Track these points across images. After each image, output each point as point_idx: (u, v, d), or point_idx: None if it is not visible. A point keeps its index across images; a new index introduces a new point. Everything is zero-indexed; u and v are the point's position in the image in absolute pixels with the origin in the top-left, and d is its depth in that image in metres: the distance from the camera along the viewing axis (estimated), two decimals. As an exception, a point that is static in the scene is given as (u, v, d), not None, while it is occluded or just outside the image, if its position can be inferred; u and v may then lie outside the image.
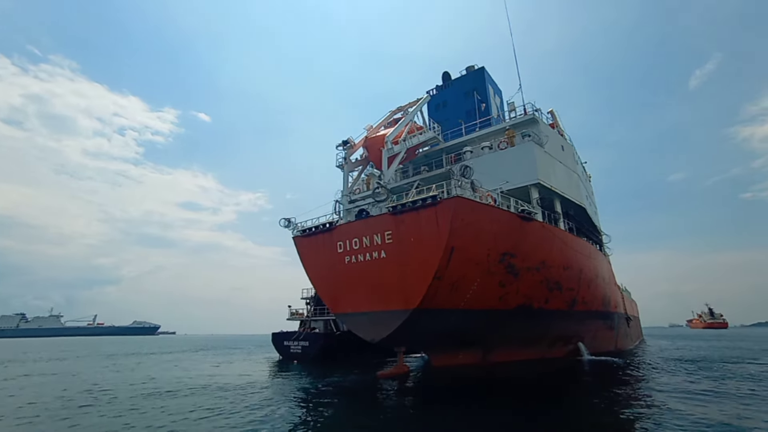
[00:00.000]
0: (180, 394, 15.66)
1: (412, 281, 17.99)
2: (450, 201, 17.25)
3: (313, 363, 29.61)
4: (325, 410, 12.55)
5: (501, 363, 22.62)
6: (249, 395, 15.06)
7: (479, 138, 26.02)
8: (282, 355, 35.82)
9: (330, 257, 21.49)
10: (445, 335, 20.39)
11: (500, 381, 18.02)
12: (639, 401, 12.70)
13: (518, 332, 23.38)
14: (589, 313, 28.25)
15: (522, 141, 23.13)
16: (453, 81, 34.00)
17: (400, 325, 18.25)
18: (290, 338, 34.66)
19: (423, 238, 17.80)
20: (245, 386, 17.36)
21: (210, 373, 23.57)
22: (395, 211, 18.97)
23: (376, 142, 22.63)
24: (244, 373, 23.18)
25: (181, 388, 17.14)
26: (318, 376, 20.77)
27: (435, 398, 14.39)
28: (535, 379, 18.58)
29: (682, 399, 12.84)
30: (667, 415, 10.69)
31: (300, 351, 33.15)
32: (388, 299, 18.70)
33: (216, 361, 34.19)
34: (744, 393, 13.83)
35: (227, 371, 25.21)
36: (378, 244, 19.38)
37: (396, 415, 11.67)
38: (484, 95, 30.58)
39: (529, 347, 24.50)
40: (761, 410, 11.15)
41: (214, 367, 28.15)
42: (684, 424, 9.67)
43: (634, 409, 11.57)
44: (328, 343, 31.71)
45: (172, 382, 19.50)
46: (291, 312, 38.81)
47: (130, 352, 48.74)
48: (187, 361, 34.47)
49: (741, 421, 9.89)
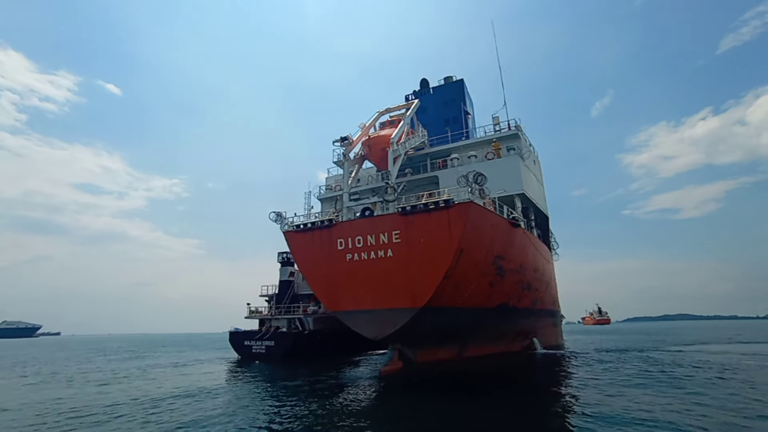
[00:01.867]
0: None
1: (421, 280, 18.65)
2: (464, 206, 18.30)
3: (280, 363, 28.57)
4: (340, 408, 12.58)
5: (474, 358, 24.34)
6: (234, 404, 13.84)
7: (465, 147, 27.69)
8: (242, 355, 33.76)
9: (328, 254, 21.16)
10: (439, 332, 21.41)
11: (481, 374, 19.46)
12: (592, 382, 15.60)
13: (494, 328, 25.43)
14: (544, 312, 31.73)
15: (508, 154, 25.26)
16: (433, 89, 35.46)
17: (407, 323, 18.80)
18: (252, 337, 32.87)
19: (434, 239, 18.56)
20: (226, 390, 16.10)
21: (174, 380, 21.50)
22: (405, 211, 19.46)
23: (379, 142, 22.83)
24: (210, 375, 21.63)
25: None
26: (304, 374, 20.37)
27: (437, 391, 15.14)
28: (507, 371, 20.55)
29: (621, 379, 16.43)
30: (613, 391, 13.70)
31: (264, 351, 31.63)
32: (394, 297, 19.09)
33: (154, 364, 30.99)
34: (657, 372, 18.04)
35: (188, 374, 23.22)
36: (384, 243, 19.66)
37: (419, 406, 12.49)
38: (462, 107, 32.47)
39: (496, 342, 26.68)
40: (671, 384, 14.60)
41: (178, 373, 25.64)
42: (625, 399, 12.35)
43: (589, 389, 14.13)
44: (297, 342, 30.80)
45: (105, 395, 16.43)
46: (250, 310, 36.72)
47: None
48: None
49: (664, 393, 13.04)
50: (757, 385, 14.48)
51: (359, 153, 24.69)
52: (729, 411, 10.53)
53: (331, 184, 32.48)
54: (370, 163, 30.12)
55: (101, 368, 28.62)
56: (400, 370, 20.80)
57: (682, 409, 10.83)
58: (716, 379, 15.82)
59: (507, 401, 13.06)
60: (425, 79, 36.62)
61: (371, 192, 29.17)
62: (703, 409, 10.74)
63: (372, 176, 30.48)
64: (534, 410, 11.74)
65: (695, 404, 11.38)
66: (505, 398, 13.57)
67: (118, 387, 18.31)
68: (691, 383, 14.95)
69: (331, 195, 31.28)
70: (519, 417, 10.92)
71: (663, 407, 11.05)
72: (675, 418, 9.79)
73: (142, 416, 11.87)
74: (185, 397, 14.99)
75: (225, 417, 11.46)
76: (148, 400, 14.49)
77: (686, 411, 10.60)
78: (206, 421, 11.02)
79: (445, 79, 35.94)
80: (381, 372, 19.54)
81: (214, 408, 12.78)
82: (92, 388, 18.14)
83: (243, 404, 13.34)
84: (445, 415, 11.07)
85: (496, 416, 10.93)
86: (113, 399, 14.95)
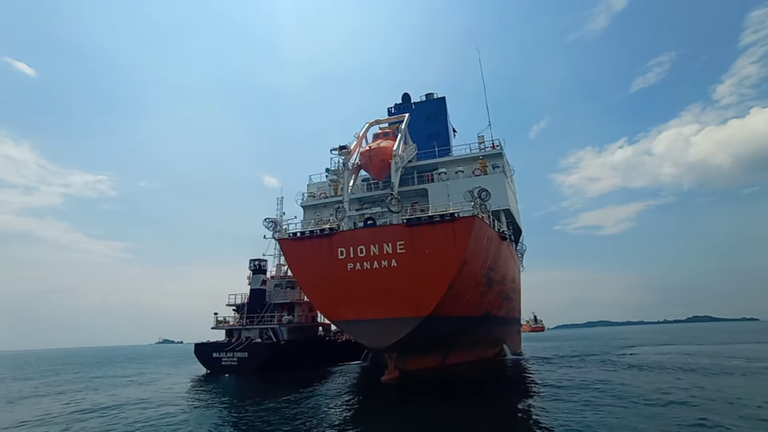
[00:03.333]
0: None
1: (426, 290, 19.23)
2: (469, 219, 19.29)
3: (254, 377, 27.23)
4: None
5: (455, 365, 25.34)
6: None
7: (452, 162, 29.01)
8: (209, 368, 31.55)
9: (328, 263, 20.96)
10: (434, 341, 22.07)
11: (470, 380, 20.49)
12: (560, 382, 17.82)
13: (476, 336, 26.68)
14: (513, 320, 33.87)
15: (493, 171, 26.97)
16: (416, 104, 36.65)
17: (411, 332, 19.20)
18: (221, 349, 30.91)
19: (439, 251, 19.28)
20: (200, 413, 14.77)
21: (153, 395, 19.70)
22: (410, 222, 19.99)
23: (379, 153, 23.14)
24: (176, 393, 20.22)
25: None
26: (287, 388, 19.81)
27: (437, 397, 15.84)
28: (491, 376, 21.90)
29: (582, 378, 19.05)
30: (580, 389, 15.89)
31: (236, 363, 29.90)
32: (398, 307, 19.42)
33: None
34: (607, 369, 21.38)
35: (149, 392, 21.42)
36: (388, 253, 19.99)
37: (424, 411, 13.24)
38: (445, 123, 34.05)
39: (473, 350, 27.99)
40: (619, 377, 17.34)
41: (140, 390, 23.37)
42: (588, 393, 14.67)
43: (559, 389, 16.05)
44: (274, 354, 29.52)
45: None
46: (217, 320, 34.53)
47: None
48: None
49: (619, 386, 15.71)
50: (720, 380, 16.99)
51: (356, 162, 24.82)
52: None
53: (314, 192, 32.05)
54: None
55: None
56: (398, 378, 21.09)
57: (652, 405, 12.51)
58: (681, 374, 18.26)
59: (500, 403, 14.20)
60: (407, 93, 37.82)
61: (358, 201, 29.36)
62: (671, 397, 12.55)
63: (358, 186, 30.65)
64: (525, 411, 12.71)
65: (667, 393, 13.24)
66: (498, 400, 14.73)
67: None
68: (662, 379, 17.14)
69: (314, 202, 30.87)
70: (515, 417, 11.95)
71: (636, 406, 12.55)
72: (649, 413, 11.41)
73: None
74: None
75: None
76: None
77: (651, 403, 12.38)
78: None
79: (426, 96, 37.39)
80: (383, 380, 19.63)
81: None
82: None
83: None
84: (450, 419, 11.75)
85: (494, 417, 11.95)
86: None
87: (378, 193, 28.52)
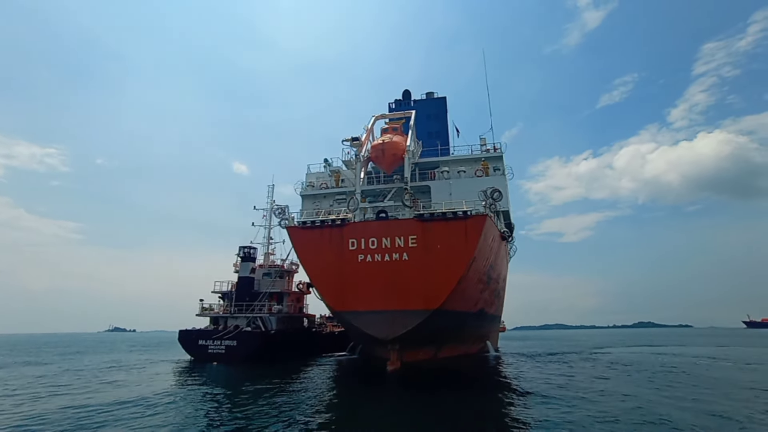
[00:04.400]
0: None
1: (436, 284, 19.77)
2: (480, 218, 20.01)
3: (243, 365, 26.74)
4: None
5: (446, 358, 26.20)
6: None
7: (454, 161, 29.71)
8: (195, 356, 30.59)
9: (338, 254, 21.01)
10: (436, 333, 22.68)
11: (465, 373, 21.41)
12: (539, 375, 19.26)
13: (468, 332, 27.62)
14: (498, 318, 35.26)
15: (494, 173, 27.94)
16: (416, 102, 37.05)
17: (418, 324, 19.69)
18: (208, 336, 30.06)
19: (451, 247, 19.88)
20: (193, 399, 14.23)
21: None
22: (423, 218, 20.44)
23: (392, 148, 23.30)
24: (164, 381, 19.59)
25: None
26: (281, 377, 20.00)
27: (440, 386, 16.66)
28: (482, 370, 22.93)
29: (554, 371, 20.94)
30: (556, 381, 17.20)
31: (223, 351, 29.19)
32: (407, 299, 19.83)
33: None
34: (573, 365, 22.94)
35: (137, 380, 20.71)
36: (400, 247, 20.34)
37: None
38: (445, 122, 34.75)
39: (462, 345, 29.00)
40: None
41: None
42: (560, 384, 16.14)
43: (539, 381, 17.30)
44: (265, 343, 29.07)
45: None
46: (202, 307, 33.47)
47: None
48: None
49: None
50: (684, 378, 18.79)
51: (365, 155, 24.87)
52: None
53: (313, 181, 31.73)
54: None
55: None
56: (400, 369, 21.57)
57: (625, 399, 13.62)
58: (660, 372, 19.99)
59: (497, 395, 15.01)
60: (408, 90, 38.18)
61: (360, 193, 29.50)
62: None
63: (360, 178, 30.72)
64: (519, 400, 13.68)
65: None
66: (496, 391, 15.57)
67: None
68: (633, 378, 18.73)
69: (314, 192, 30.61)
70: (510, 405, 12.92)
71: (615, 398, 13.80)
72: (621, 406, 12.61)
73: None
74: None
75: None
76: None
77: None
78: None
79: (427, 95, 37.95)
80: (389, 371, 20.00)
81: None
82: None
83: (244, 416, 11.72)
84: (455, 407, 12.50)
85: (494, 405, 12.97)
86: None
87: (380, 187, 28.67)
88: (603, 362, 25.94)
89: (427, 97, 37.65)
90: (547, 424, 9.93)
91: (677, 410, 11.26)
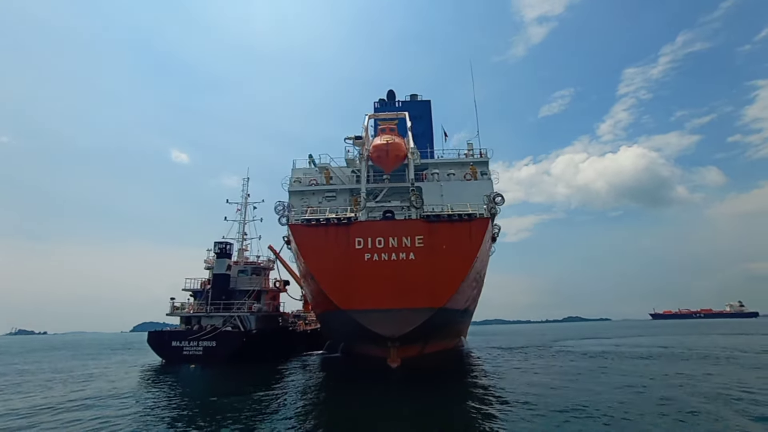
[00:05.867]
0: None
1: (442, 283, 20.51)
2: (484, 221, 21.16)
3: (223, 367, 25.57)
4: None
5: (429, 354, 27.25)
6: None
7: (443, 164, 30.68)
8: (167, 358, 28.49)
9: (344, 252, 20.94)
10: (434, 330, 23.47)
11: (454, 368, 22.87)
12: (507, 365, 21.97)
13: (453, 328, 28.87)
14: (472, 314, 37.06)
15: (482, 178, 29.38)
16: (402, 103, 37.48)
17: (424, 322, 20.32)
18: (183, 337, 28.16)
19: (456, 248, 20.72)
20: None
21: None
22: (430, 219, 21.08)
23: (396, 149, 23.48)
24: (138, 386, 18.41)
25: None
26: (271, 378, 19.84)
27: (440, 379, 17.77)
28: (468, 364, 24.71)
29: (520, 362, 23.65)
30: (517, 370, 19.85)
31: (201, 353, 27.55)
32: (413, 298, 20.32)
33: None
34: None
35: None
36: (407, 246, 20.78)
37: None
38: (430, 125, 35.59)
39: (444, 340, 30.25)
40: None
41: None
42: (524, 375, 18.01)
43: (508, 372, 19.53)
44: (246, 343, 27.85)
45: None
46: (174, 306, 31.18)
47: None
48: None
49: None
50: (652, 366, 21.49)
51: (365, 154, 24.87)
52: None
53: (300, 177, 31.00)
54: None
55: None
56: (401, 364, 22.08)
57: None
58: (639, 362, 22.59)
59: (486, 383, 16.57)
60: (392, 90, 38.49)
61: (350, 192, 29.46)
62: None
63: (348, 176, 30.64)
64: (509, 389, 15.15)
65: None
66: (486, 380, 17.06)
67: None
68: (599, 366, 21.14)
69: (302, 189, 29.96)
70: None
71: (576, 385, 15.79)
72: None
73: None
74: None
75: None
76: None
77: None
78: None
79: (410, 96, 38.53)
80: (392, 367, 20.36)
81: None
82: None
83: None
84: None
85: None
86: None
87: (371, 186, 28.73)
88: (577, 353, 28.62)
89: (411, 99, 38.33)
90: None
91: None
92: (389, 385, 17.54)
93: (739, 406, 11.18)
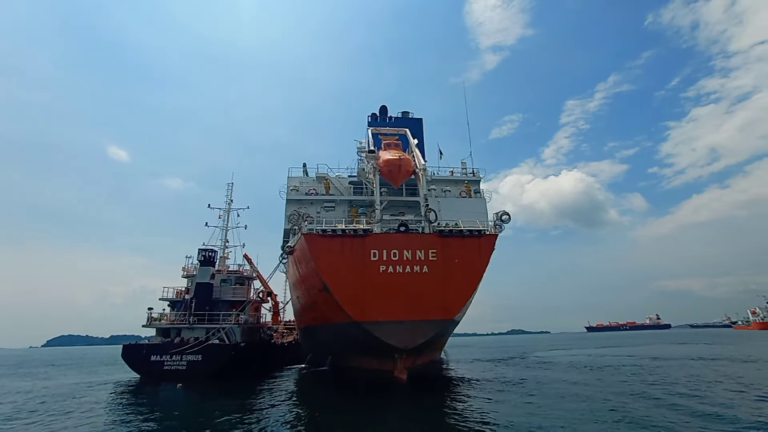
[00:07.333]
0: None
1: (454, 296, 21.34)
2: (493, 237, 22.40)
3: (206, 382, 24.13)
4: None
5: (420, 365, 27.84)
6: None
7: (439, 181, 31.85)
8: (144, 374, 26.08)
9: (359, 263, 21.03)
10: (434, 342, 24.07)
11: (449, 378, 23.71)
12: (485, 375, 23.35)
13: (443, 339, 29.69)
14: (453, 326, 38.21)
15: (476, 196, 30.95)
16: (395, 119, 38.35)
17: (437, 333, 20.92)
18: (163, 351, 26.03)
19: (467, 262, 21.71)
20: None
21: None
22: (443, 233, 21.92)
23: (408, 164, 24.04)
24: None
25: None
26: (273, 398, 19.46)
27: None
28: (458, 374, 25.87)
29: (498, 373, 25.08)
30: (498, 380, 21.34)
31: (185, 368, 25.64)
32: (427, 310, 20.87)
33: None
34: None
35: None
36: (421, 259, 21.37)
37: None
38: (422, 143, 36.69)
39: (432, 352, 31.01)
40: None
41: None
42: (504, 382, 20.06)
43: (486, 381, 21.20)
44: (235, 357, 26.35)
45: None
46: (152, 317, 28.73)
47: None
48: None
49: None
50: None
51: (373, 168, 25.19)
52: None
53: (296, 185, 30.62)
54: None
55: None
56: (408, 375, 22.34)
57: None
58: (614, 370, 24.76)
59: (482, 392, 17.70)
60: (384, 106, 39.24)
61: (349, 203, 29.63)
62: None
63: (348, 188, 30.84)
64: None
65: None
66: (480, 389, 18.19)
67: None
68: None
69: (300, 198, 29.61)
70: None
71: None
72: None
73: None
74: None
75: None
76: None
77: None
78: None
79: (402, 113, 39.57)
80: (402, 379, 20.49)
81: None
82: None
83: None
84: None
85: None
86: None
87: (369, 198, 29.02)
88: (563, 364, 30.58)
89: (402, 116, 39.38)
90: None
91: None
92: (400, 398, 17.84)
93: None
